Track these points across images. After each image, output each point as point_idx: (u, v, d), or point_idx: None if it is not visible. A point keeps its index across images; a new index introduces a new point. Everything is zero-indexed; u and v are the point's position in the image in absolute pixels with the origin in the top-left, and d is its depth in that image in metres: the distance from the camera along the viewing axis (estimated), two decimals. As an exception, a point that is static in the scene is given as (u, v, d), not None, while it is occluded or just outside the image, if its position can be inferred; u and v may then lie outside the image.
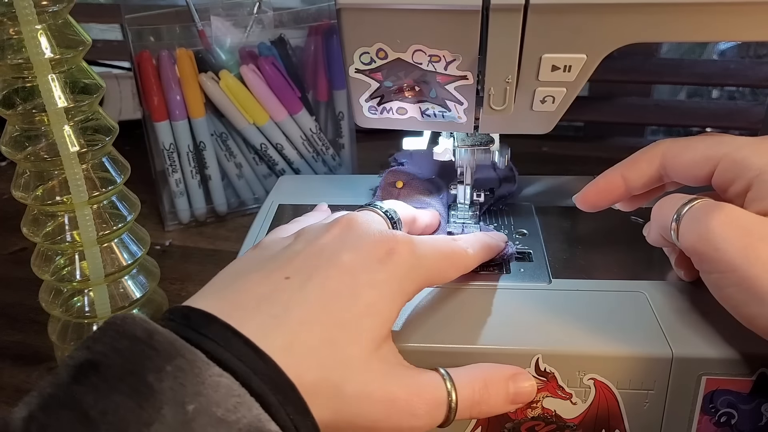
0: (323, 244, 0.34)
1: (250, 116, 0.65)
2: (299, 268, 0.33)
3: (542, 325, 0.38)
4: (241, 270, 0.34)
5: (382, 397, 0.31)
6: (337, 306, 0.31)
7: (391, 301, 0.33)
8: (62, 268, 0.46)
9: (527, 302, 0.40)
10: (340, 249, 0.34)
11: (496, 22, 0.35)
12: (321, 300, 0.31)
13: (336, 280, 0.32)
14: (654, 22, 0.34)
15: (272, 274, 0.32)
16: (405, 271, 0.34)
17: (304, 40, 0.68)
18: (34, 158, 0.42)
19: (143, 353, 0.26)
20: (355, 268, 0.33)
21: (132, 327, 0.27)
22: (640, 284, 0.41)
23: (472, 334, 0.38)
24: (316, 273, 0.32)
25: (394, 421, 0.31)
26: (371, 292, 0.32)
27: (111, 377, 0.25)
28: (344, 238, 0.35)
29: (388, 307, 0.33)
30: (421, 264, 0.35)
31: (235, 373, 0.27)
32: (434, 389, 0.33)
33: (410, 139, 0.48)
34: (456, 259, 0.38)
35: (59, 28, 0.41)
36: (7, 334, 0.55)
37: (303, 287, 0.31)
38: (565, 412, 0.38)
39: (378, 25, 0.37)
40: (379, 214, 0.39)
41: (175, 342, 0.26)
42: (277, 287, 0.32)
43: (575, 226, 0.49)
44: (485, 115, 0.39)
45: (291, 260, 0.33)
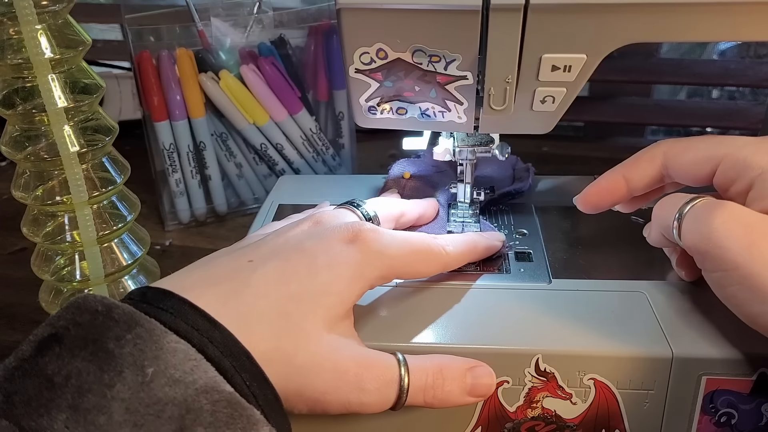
0: (290, 235, 0.36)
1: (250, 116, 0.65)
2: (262, 253, 0.34)
3: (542, 325, 0.38)
4: (212, 256, 0.36)
5: (331, 368, 0.32)
6: (294, 282, 0.33)
7: (349, 282, 0.34)
8: (62, 268, 0.46)
9: (527, 302, 0.40)
10: (304, 238, 0.35)
11: (496, 22, 0.35)
12: (279, 277, 0.33)
13: (295, 261, 0.34)
14: (654, 22, 0.34)
15: (238, 258, 0.34)
16: (367, 257, 0.35)
17: (304, 40, 0.68)
18: (34, 158, 0.42)
19: (103, 324, 0.27)
20: (316, 252, 0.34)
21: (93, 302, 0.28)
22: (640, 284, 0.41)
23: (473, 334, 0.38)
24: (278, 254, 0.34)
25: (343, 393, 0.32)
26: (329, 272, 0.33)
27: (73, 347, 0.27)
28: (311, 231, 0.36)
29: (346, 288, 0.34)
30: (385, 252, 0.36)
31: (191, 342, 0.28)
32: (386, 367, 0.33)
33: (410, 139, 0.48)
34: (429, 256, 0.38)
35: (59, 28, 0.41)
36: (7, 334, 0.55)
37: (263, 266, 0.33)
38: (565, 412, 0.38)
39: (378, 25, 0.37)
40: (355, 212, 0.41)
41: (133, 314, 0.28)
42: (239, 267, 0.33)
43: (575, 226, 0.49)
44: (485, 115, 0.39)
45: (258, 247, 0.35)
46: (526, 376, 0.37)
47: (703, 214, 0.34)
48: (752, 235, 0.32)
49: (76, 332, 0.27)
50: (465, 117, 0.41)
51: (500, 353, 0.37)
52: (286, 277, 0.33)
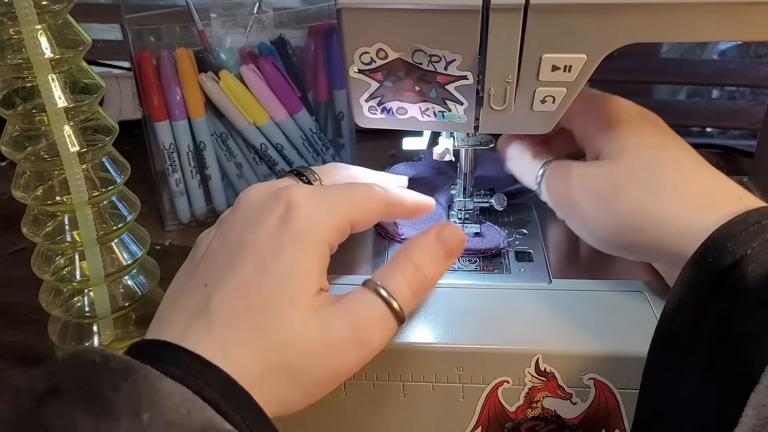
0: (227, 231, 0.35)
1: (250, 116, 0.65)
2: (214, 270, 0.33)
3: (542, 325, 0.38)
4: (177, 289, 0.35)
5: (330, 350, 0.32)
6: (251, 291, 0.31)
7: (305, 258, 0.33)
8: (62, 268, 0.46)
9: (527, 302, 0.40)
10: (242, 231, 0.34)
11: (497, 22, 0.35)
12: (236, 293, 0.31)
13: (243, 267, 0.32)
14: (654, 22, 0.34)
15: (196, 286, 0.33)
16: (309, 220, 0.33)
17: (304, 40, 0.67)
18: (34, 158, 0.42)
19: (100, 374, 0.27)
20: (258, 245, 0.33)
21: (90, 354, 0.28)
22: (640, 284, 0.41)
23: (473, 334, 0.38)
24: (227, 267, 0.33)
25: (351, 358, 0.32)
26: (279, 261, 0.32)
27: (71, 398, 0.26)
28: (244, 216, 0.35)
29: (305, 265, 0.32)
30: (326, 203, 0.34)
31: (189, 387, 0.28)
32: (373, 309, 0.33)
33: (410, 139, 0.48)
34: (363, 190, 0.37)
35: (59, 28, 0.41)
36: (8, 334, 0.55)
37: (218, 287, 0.32)
38: (565, 412, 0.38)
39: (378, 25, 0.37)
40: (290, 175, 0.39)
41: (130, 362, 0.27)
42: (200, 297, 0.32)
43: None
44: (485, 115, 0.39)
45: (209, 264, 0.34)
46: (526, 376, 0.37)
47: (547, 179, 0.42)
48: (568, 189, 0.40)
49: (74, 384, 0.27)
50: (465, 117, 0.41)
51: (500, 353, 0.37)
52: (242, 289, 0.32)
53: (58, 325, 0.48)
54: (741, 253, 0.31)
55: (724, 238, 0.32)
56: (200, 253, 0.36)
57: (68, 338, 0.48)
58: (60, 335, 0.48)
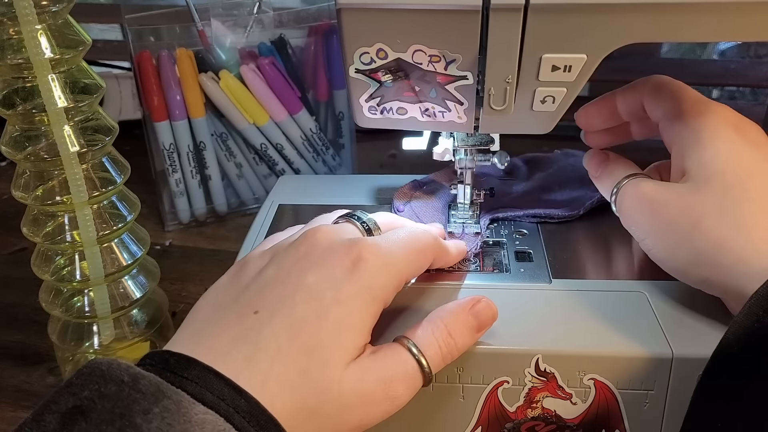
0: (289, 267, 0.34)
1: (250, 116, 0.65)
2: (267, 300, 0.33)
3: (542, 325, 0.38)
4: (218, 305, 0.34)
5: (362, 402, 0.32)
6: (305, 332, 0.31)
7: (362, 312, 0.33)
8: (62, 268, 0.46)
9: (527, 302, 0.40)
10: (305, 269, 0.33)
11: (496, 22, 0.35)
12: (289, 330, 0.31)
13: (302, 306, 0.32)
14: (654, 22, 0.34)
15: (243, 310, 0.33)
16: (374, 278, 0.34)
17: (304, 40, 0.68)
18: (34, 158, 0.42)
19: (130, 397, 0.26)
20: (321, 288, 0.33)
21: (117, 372, 0.27)
22: (640, 284, 0.41)
23: (472, 334, 0.38)
24: (284, 301, 0.32)
25: (377, 412, 0.32)
26: (339, 310, 0.32)
27: (100, 422, 0.26)
28: (309, 256, 0.34)
29: (360, 319, 0.33)
30: (391, 264, 0.35)
31: (218, 412, 0.28)
32: (404, 366, 0.33)
33: (410, 139, 0.48)
34: (428, 250, 0.38)
35: (59, 28, 0.41)
36: (8, 334, 0.56)
37: (271, 320, 0.32)
38: (565, 412, 0.38)
39: (378, 25, 0.37)
40: (354, 223, 0.39)
41: (160, 385, 0.27)
42: (248, 325, 0.32)
43: (575, 225, 0.49)
44: (485, 115, 0.39)
45: (261, 292, 0.33)
46: (526, 376, 0.37)
47: (620, 199, 0.41)
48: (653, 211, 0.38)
49: (102, 405, 0.26)
50: (465, 117, 0.41)
51: (500, 353, 0.37)
52: (296, 328, 0.31)
53: (58, 325, 0.48)
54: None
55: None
56: (249, 275, 0.35)
57: (68, 338, 0.48)
58: (60, 335, 0.48)
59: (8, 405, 0.49)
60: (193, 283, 0.60)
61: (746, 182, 0.35)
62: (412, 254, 0.37)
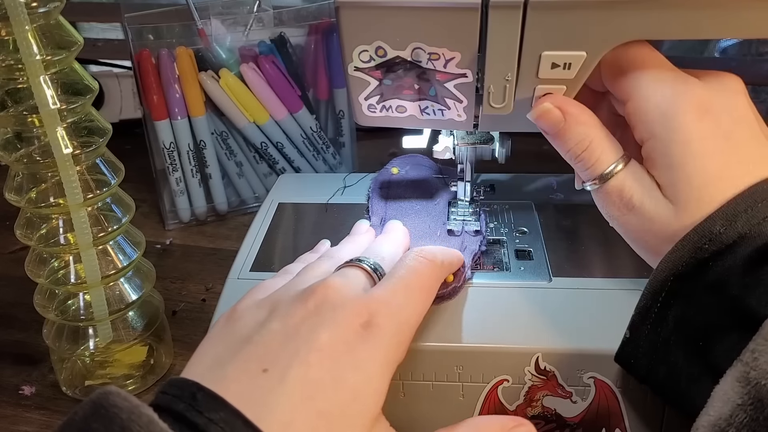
0: (298, 322, 0.32)
1: (251, 115, 0.65)
2: (277, 356, 0.30)
3: (542, 324, 0.38)
4: (217, 361, 0.32)
5: None
6: (320, 397, 0.29)
7: (379, 378, 0.31)
8: (57, 271, 0.46)
9: (527, 301, 0.40)
10: (316, 326, 0.32)
11: (496, 20, 0.35)
12: (303, 393, 0.29)
13: (317, 368, 0.30)
14: (654, 19, 0.34)
15: (249, 365, 0.30)
16: (389, 341, 0.32)
17: (304, 38, 0.67)
18: (27, 160, 0.42)
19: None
20: (336, 350, 0.31)
21: (137, 430, 0.25)
22: (640, 282, 0.41)
23: (473, 333, 0.38)
24: (296, 361, 0.30)
25: None
26: (356, 376, 0.30)
27: None
28: (320, 313, 0.32)
29: (377, 385, 0.31)
30: (404, 323, 0.34)
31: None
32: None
33: (410, 138, 0.48)
34: (432, 285, 0.37)
35: (51, 29, 0.40)
36: (8, 334, 0.56)
37: (283, 380, 0.29)
38: (566, 410, 0.38)
39: (377, 23, 0.36)
40: (362, 267, 0.37)
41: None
42: (257, 382, 0.29)
43: (576, 224, 0.49)
44: (485, 113, 0.39)
45: (267, 346, 0.31)
46: (526, 374, 0.37)
47: (597, 198, 0.37)
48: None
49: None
50: (465, 115, 0.41)
51: (500, 352, 0.37)
52: (310, 392, 0.29)
53: (53, 328, 0.48)
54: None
55: None
56: (247, 327, 0.33)
57: (63, 341, 0.47)
58: (55, 338, 0.47)
59: (8, 404, 0.49)
60: (193, 282, 0.60)
61: (716, 199, 0.33)
62: (420, 299, 0.36)
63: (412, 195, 0.50)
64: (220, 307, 0.42)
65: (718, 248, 0.32)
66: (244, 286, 0.44)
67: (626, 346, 0.35)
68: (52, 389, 0.50)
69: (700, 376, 0.32)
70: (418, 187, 0.51)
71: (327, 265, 0.39)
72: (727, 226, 0.32)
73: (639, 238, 0.36)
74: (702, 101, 0.35)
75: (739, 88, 0.37)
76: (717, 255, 0.32)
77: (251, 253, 0.47)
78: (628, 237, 0.37)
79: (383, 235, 0.44)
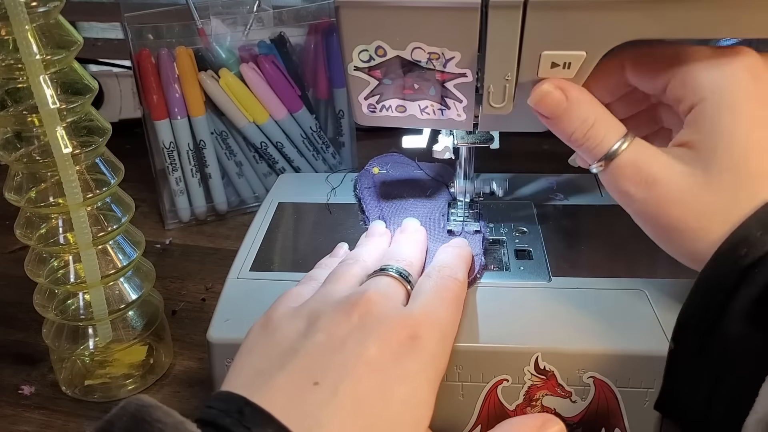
0: (344, 336, 0.32)
1: (250, 114, 0.65)
2: (325, 369, 0.31)
3: (542, 323, 0.38)
4: (260, 372, 0.32)
5: None
6: (371, 410, 0.29)
7: (427, 389, 0.32)
8: (56, 270, 0.46)
9: (527, 300, 0.40)
10: (363, 340, 0.32)
11: (496, 19, 0.35)
12: (354, 406, 0.29)
13: (366, 381, 0.30)
14: (654, 19, 0.34)
15: (298, 377, 0.30)
16: (433, 352, 0.33)
17: (304, 38, 0.67)
18: (26, 160, 0.42)
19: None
20: (384, 364, 0.31)
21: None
22: (640, 282, 0.41)
23: (472, 332, 0.38)
24: (346, 375, 0.30)
25: None
26: (404, 388, 0.31)
27: None
28: (365, 327, 0.33)
29: (425, 396, 0.32)
30: (445, 335, 0.35)
31: None
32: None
33: (410, 138, 0.48)
34: (459, 298, 0.38)
35: (51, 28, 0.40)
36: (8, 333, 0.56)
37: (334, 394, 0.29)
38: (565, 410, 0.38)
39: (377, 22, 0.36)
40: (395, 277, 0.38)
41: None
42: (307, 396, 0.29)
43: (575, 223, 0.49)
44: (485, 112, 0.39)
45: (314, 358, 0.31)
46: (525, 374, 0.37)
47: (612, 174, 0.35)
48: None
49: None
50: (464, 114, 0.41)
51: (500, 351, 0.37)
52: (360, 406, 0.29)
53: (52, 327, 0.48)
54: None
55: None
56: (288, 338, 0.33)
57: (63, 341, 0.47)
58: (54, 338, 0.47)
59: (7, 404, 0.49)
60: (193, 281, 0.60)
61: (759, 181, 0.32)
62: (455, 311, 0.37)
63: (404, 193, 0.51)
64: (219, 306, 0.42)
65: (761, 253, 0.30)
66: (244, 286, 0.44)
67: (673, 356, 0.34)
68: (51, 389, 0.50)
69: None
70: (406, 185, 0.52)
71: (355, 271, 0.39)
72: (763, 230, 0.31)
73: (660, 213, 0.34)
74: (756, 65, 0.33)
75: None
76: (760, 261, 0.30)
77: (251, 252, 0.47)
78: (644, 214, 0.35)
79: (402, 235, 0.44)
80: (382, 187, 0.51)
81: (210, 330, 0.40)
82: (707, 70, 0.34)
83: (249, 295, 0.42)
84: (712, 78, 0.33)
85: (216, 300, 0.43)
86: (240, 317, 0.40)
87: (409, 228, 0.45)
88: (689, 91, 0.34)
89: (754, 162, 0.32)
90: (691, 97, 0.34)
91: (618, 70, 0.37)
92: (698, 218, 0.33)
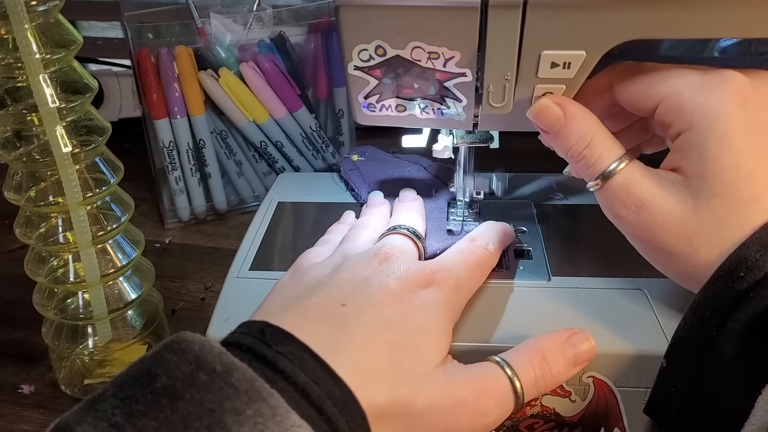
0: (367, 274, 0.35)
1: (250, 114, 0.65)
2: (352, 295, 0.34)
3: (541, 323, 0.38)
4: (293, 295, 0.35)
5: (451, 404, 0.31)
6: (394, 330, 0.32)
7: (443, 320, 0.35)
8: (56, 270, 0.46)
9: (526, 300, 0.40)
10: (385, 277, 0.35)
11: (495, 19, 0.35)
12: (379, 325, 0.32)
13: (389, 307, 0.33)
14: (654, 19, 0.34)
15: (327, 299, 0.33)
16: (449, 294, 0.36)
17: (303, 37, 0.67)
18: (26, 159, 0.42)
19: (221, 391, 0.25)
20: (404, 295, 0.34)
21: (210, 358, 0.26)
22: (639, 282, 0.41)
23: (472, 332, 0.38)
24: (370, 299, 0.33)
25: (466, 423, 0.32)
26: (425, 314, 0.34)
27: (187, 414, 0.24)
28: (387, 268, 0.36)
29: (443, 326, 0.34)
30: (460, 285, 0.37)
31: (308, 396, 0.27)
32: (497, 382, 0.33)
33: (409, 137, 0.48)
34: (485, 266, 0.40)
35: (50, 27, 0.40)
36: (7, 333, 0.56)
37: (361, 312, 0.32)
38: (564, 409, 0.38)
39: (376, 22, 0.36)
40: (407, 235, 0.40)
41: (254, 382, 0.26)
42: (336, 312, 0.32)
43: (575, 223, 0.49)
44: (484, 112, 0.39)
45: (342, 288, 0.34)
46: (525, 373, 0.37)
47: (601, 198, 0.37)
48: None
49: (192, 395, 0.25)
50: (464, 114, 0.41)
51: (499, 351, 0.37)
52: (384, 324, 0.32)
53: (51, 327, 0.48)
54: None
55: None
56: (316, 277, 0.36)
57: (62, 340, 0.47)
58: (54, 337, 0.47)
59: (7, 403, 0.49)
60: (192, 281, 0.60)
61: (748, 206, 0.32)
62: (477, 272, 0.39)
63: (386, 169, 0.54)
64: (219, 305, 0.42)
65: (757, 277, 0.31)
66: (244, 285, 0.44)
67: (664, 375, 0.34)
68: (51, 388, 0.50)
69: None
70: (386, 164, 0.55)
71: (367, 232, 0.42)
72: (763, 251, 0.31)
73: (650, 238, 0.35)
74: (743, 90, 0.33)
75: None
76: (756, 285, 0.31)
77: (251, 251, 0.47)
78: (635, 237, 0.36)
79: (401, 204, 0.47)
80: (364, 167, 0.54)
81: (209, 329, 0.40)
82: (695, 97, 0.34)
83: (248, 294, 0.42)
84: (700, 105, 0.33)
85: (215, 299, 0.43)
86: (239, 316, 0.40)
87: (407, 198, 0.48)
88: (676, 117, 0.34)
89: (742, 187, 0.32)
90: (679, 123, 0.34)
91: (606, 91, 0.38)
92: (688, 242, 0.33)
